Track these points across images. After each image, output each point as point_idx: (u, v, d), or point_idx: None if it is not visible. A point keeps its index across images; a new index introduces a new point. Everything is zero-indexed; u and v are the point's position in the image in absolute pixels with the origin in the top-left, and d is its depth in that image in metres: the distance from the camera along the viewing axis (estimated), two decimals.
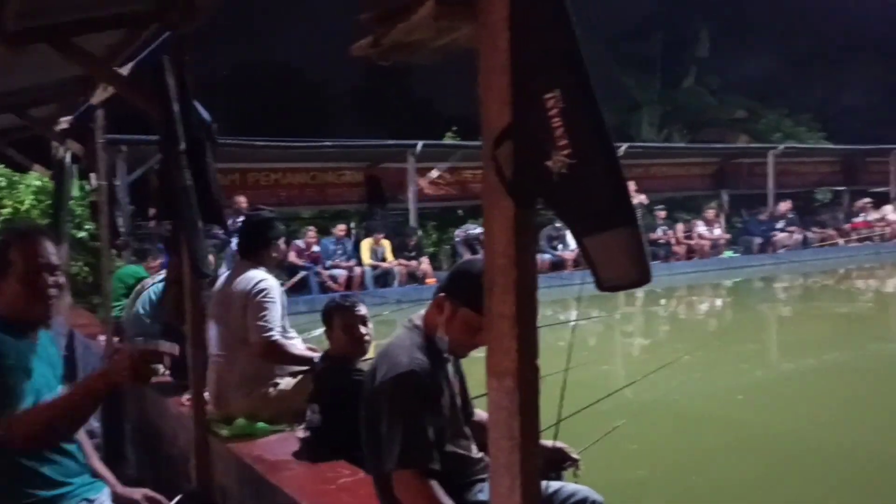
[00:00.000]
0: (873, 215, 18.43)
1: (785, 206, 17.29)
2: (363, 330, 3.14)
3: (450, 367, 2.18)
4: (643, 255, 1.26)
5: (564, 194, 1.27)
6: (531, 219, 1.34)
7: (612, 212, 1.26)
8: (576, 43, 1.24)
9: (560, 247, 13.98)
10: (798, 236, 16.85)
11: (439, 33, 1.51)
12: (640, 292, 13.47)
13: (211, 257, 3.77)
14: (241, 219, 7.91)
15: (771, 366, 7.46)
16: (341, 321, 3.14)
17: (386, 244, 12.64)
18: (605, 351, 8.46)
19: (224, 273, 4.02)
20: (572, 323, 9.53)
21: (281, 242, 3.79)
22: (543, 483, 2.14)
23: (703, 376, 6.36)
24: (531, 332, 1.34)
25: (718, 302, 13.11)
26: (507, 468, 1.34)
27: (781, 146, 18.81)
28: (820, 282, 14.52)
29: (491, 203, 1.35)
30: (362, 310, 3.19)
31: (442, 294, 2.09)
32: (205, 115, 3.05)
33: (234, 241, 7.70)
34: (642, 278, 1.26)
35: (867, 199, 19.07)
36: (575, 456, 2.42)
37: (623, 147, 15.95)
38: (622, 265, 1.27)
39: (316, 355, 3.50)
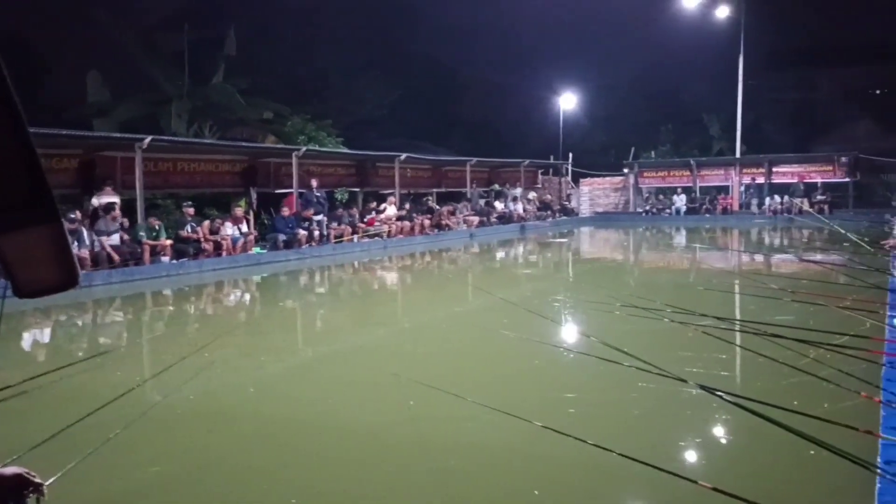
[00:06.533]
0: (381, 214, 20.89)
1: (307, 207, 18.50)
2: None
3: None
4: (69, 255, 1.14)
5: None
6: None
7: (30, 207, 1.11)
8: None
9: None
10: (318, 233, 18.20)
11: None
12: (168, 290, 13.06)
13: None
14: None
15: (286, 357, 7.82)
16: None
17: None
18: (121, 355, 7.92)
19: None
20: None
21: None
22: None
23: (222, 372, 6.39)
24: None
25: (246, 297, 13.38)
26: None
27: (304, 148, 20.05)
28: (337, 275, 15.87)
29: None
30: None
31: None
32: None
33: None
34: (69, 280, 1.15)
35: (375, 201, 21.55)
36: (38, 481, 2.15)
37: (147, 139, 15.25)
38: (45, 267, 1.13)
39: None
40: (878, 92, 41.34)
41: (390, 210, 21.21)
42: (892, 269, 9.39)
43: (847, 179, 28.98)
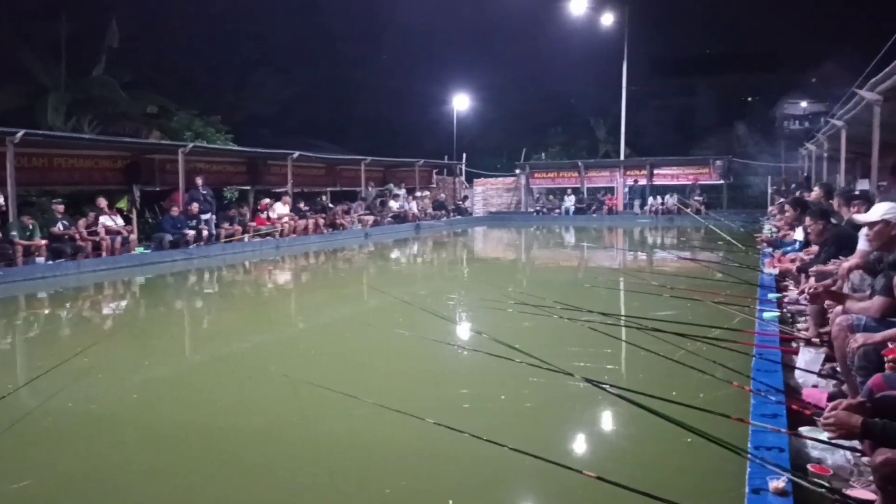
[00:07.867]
0: (274, 213, 20.44)
1: (195, 205, 17.84)
2: None
3: None
4: None
5: None
6: None
7: None
8: None
9: None
10: (207, 232, 17.64)
11: None
12: (43, 293, 12.31)
13: None
14: None
15: (172, 360, 7.52)
16: None
17: None
18: None
19: None
20: None
21: None
22: None
23: (103, 377, 6.09)
24: None
25: (129, 299, 12.79)
26: None
27: (190, 145, 19.34)
28: (227, 275, 15.42)
29: None
30: None
31: None
32: None
33: None
34: None
35: (268, 199, 21.05)
36: None
37: (19, 133, 14.32)
38: None
39: None
40: (749, 99, 44.10)
41: (283, 209, 20.81)
42: (761, 265, 10.05)
43: (721, 182, 30.77)
